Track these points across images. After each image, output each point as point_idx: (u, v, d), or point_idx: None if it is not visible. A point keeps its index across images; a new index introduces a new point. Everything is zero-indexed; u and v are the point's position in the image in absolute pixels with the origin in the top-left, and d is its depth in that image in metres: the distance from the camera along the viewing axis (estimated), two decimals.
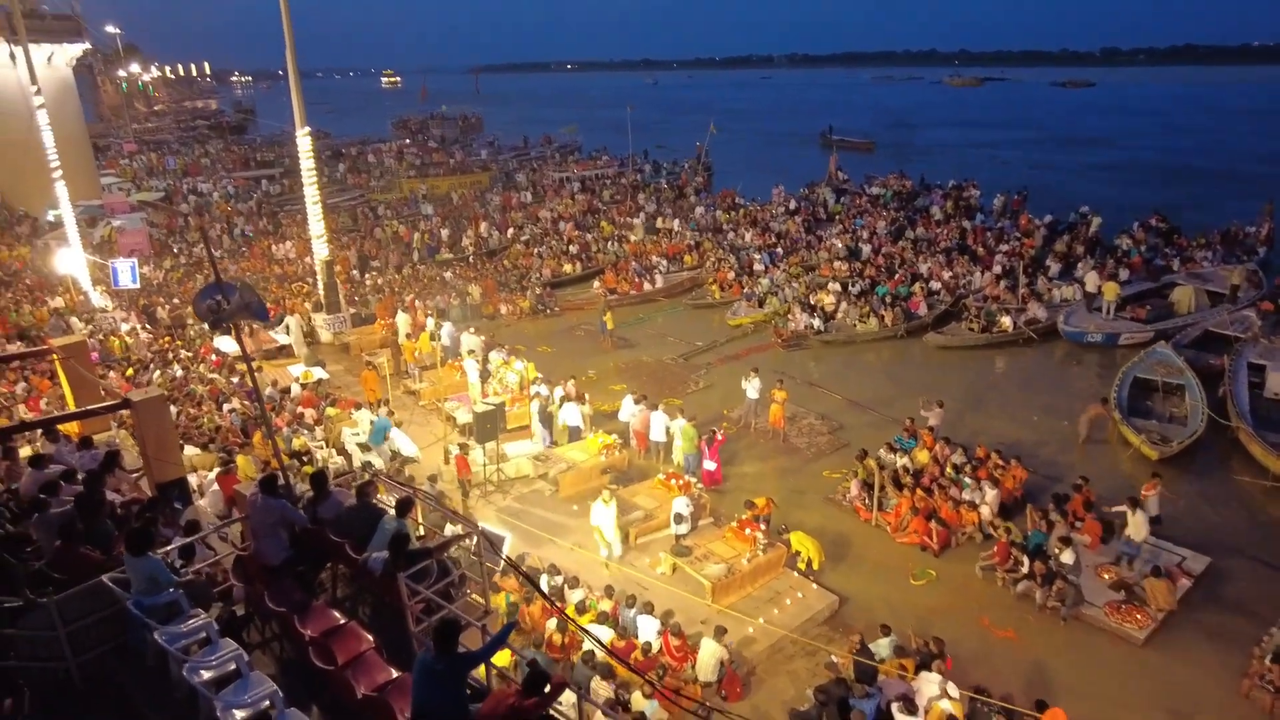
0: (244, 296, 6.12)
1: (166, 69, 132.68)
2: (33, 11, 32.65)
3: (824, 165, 42.27)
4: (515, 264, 28.23)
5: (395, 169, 48.67)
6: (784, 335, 21.18)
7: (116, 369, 16.83)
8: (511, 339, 20.88)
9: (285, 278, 26.10)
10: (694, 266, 27.77)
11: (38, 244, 28.22)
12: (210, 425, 14.35)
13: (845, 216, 32.21)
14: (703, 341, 21.55)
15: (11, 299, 21.71)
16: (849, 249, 27.37)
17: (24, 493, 8.17)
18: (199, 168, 50.65)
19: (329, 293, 21.27)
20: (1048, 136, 72.50)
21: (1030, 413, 16.88)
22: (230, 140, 69.09)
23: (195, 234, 31.15)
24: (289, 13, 19.12)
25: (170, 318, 21.60)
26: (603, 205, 36.60)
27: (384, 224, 34.16)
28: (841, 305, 22.40)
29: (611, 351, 21.09)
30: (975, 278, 24.03)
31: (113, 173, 44.73)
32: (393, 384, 17.47)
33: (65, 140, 25.38)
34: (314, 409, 15.63)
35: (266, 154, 56.30)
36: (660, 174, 45.68)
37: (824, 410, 17.05)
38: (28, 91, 23.22)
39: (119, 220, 29.71)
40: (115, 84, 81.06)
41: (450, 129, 71.12)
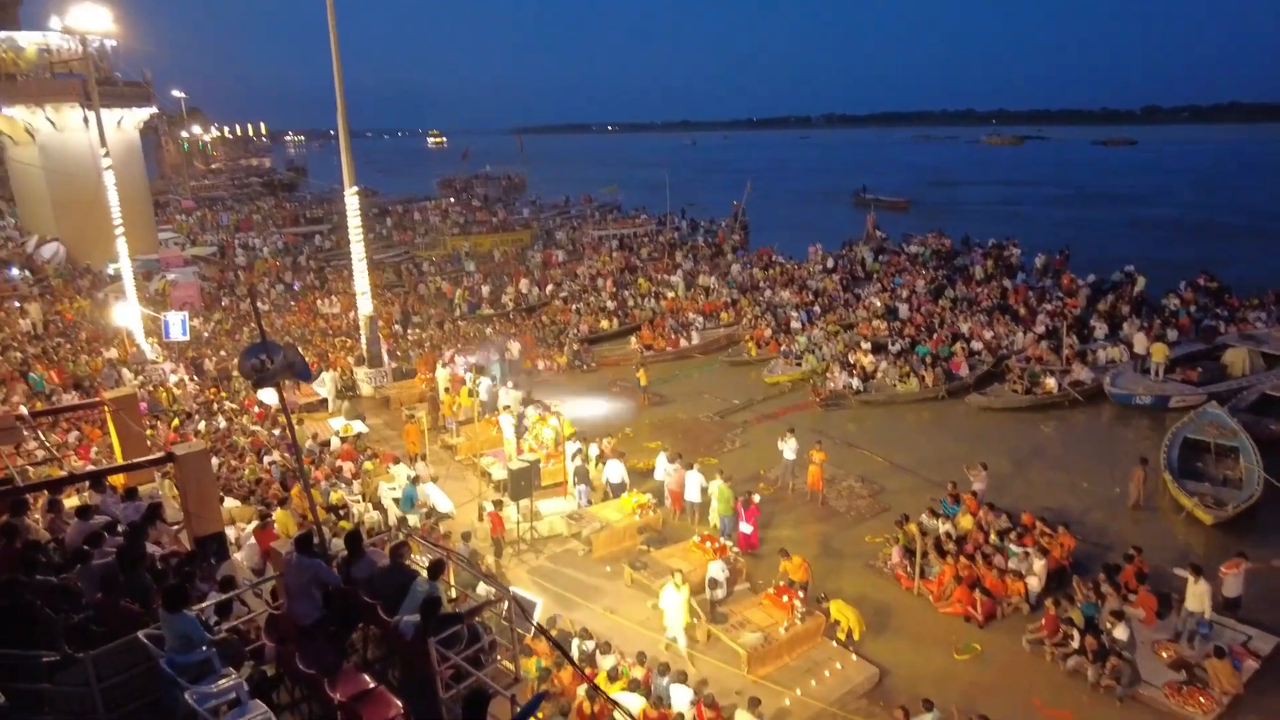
0: (288, 356, 6.25)
1: (225, 129, 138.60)
2: (107, 79, 34.50)
3: (860, 224, 42.39)
4: (553, 320, 28.54)
5: (440, 226, 49.90)
6: (822, 394, 20.97)
7: (163, 419, 17.24)
8: (548, 394, 20.97)
9: (329, 332, 26.65)
10: (731, 323, 27.80)
11: (97, 296, 29.30)
12: (251, 477, 14.55)
13: (884, 275, 32.11)
14: (739, 399, 21.42)
15: (70, 350, 22.47)
16: (888, 308, 27.21)
17: (69, 543, 8.31)
18: (251, 223, 52.43)
19: (371, 347, 21.67)
20: (1087, 194, 72.07)
21: (1077, 477, 16.35)
22: (281, 197, 71.60)
23: (244, 288, 32.10)
24: (341, 77, 19.95)
25: (217, 370, 22.13)
26: (640, 262, 37.02)
27: (428, 280, 34.92)
28: (881, 365, 22.16)
29: (647, 408, 21.05)
30: (1017, 338, 23.65)
31: (170, 228, 46.53)
32: (431, 438, 17.60)
33: (128, 198, 26.55)
34: (353, 462, 15.77)
35: (316, 211, 58.15)
36: (697, 232, 46.17)
37: (864, 472, 16.73)
38: (98, 153, 24.45)
39: (173, 274, 30.84)
40: (177, 144, 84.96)
41: (494, 188, 73.01)
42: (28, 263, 32.01)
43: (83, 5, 23.48)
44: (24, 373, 19.61)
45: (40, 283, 30.01)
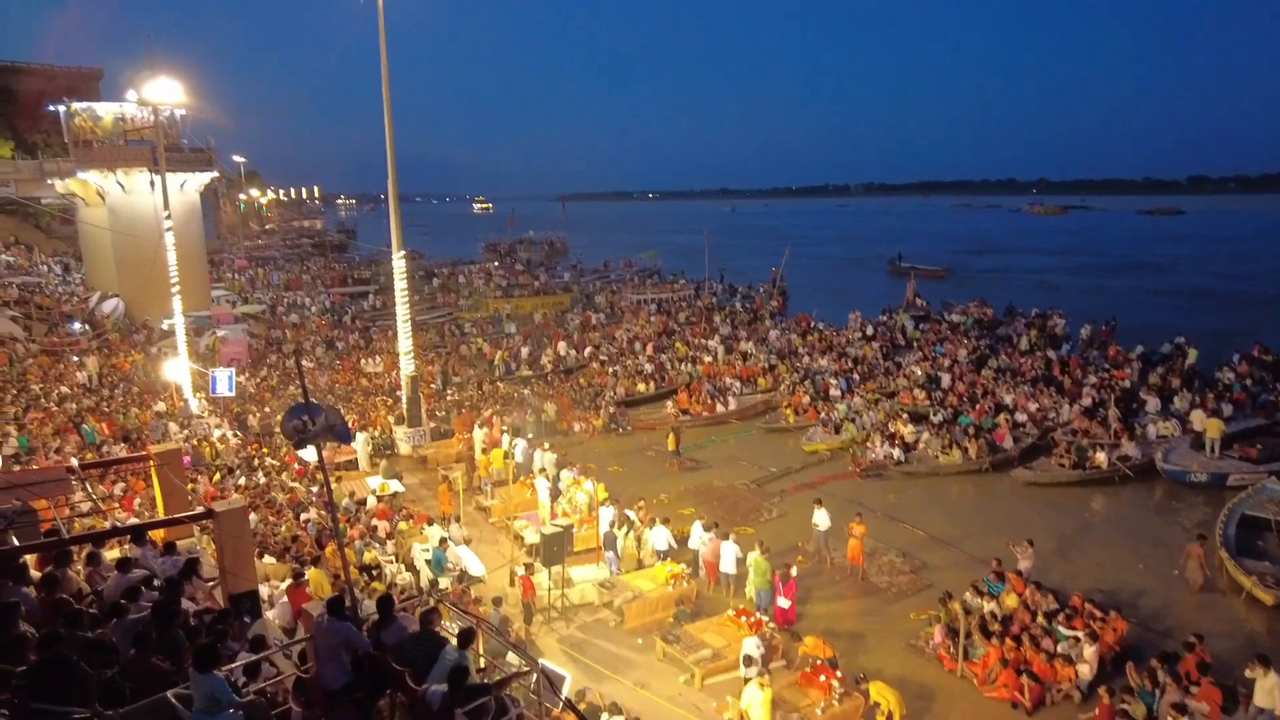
0: (329, 419, 6.34)
1: (281, 192, 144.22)
2: (174, 145, 36.30)
3: (898, 291, 42.25)
4: (590, 382, 28.67)
5: (483, 289, 50.92)
6: (862, 464, 20.59)
7: (205, 473, 17.52)
8: (583, 457, 20.92)
9: (371, 391, 27.06)
10: (768, 389, 27.63)
11: (151, 351, 30.23)
12: (288, 534, 14.63)
13: (925, 343, 31.77)
14: (777, 467, 21.11)
15: (122, 403, 23.10)
16: (929, 377, 26.83)
17: (107, 596, 8.38)
18: (300, 283, 54.02)
19: (411, 406, 21.93)
20: (1133, 264, 71.18)
21: (1129, 558, 15.67)
22: (331, 258, 73.85)
23: (291, 346, 32.89)
24: (393, 146, 20.73)
25: (260, 426, 22.54)
26: (678, 326, 37.20)
27: (469, 341, 35.47)
28: (922, 435, 21.74)
29: (681, 474, 20.85)
30: (1063, 410, 23.07)
31: (223, 286, 48.14)
32: (466, 499, 17.60)
33: (186, 257, 27.62)
34: (388, 522, 15.80)
35: (363, 272, 59.78)
36: (735, 297, 46.40)
37: (905, 546, 16.25)
38: (160, 215, 25.59)
39: (223, 330, 31.76)
40: (235, 205, 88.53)
41: (536, 252, 74.57)
42: (89, 317, 33.23)
43: (157, 80, 24.89)
44: (78, 424, 20.16)
45: (99, 337, 31.09)
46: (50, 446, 17.97)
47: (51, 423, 19.84)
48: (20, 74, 57.26)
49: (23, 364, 24.98)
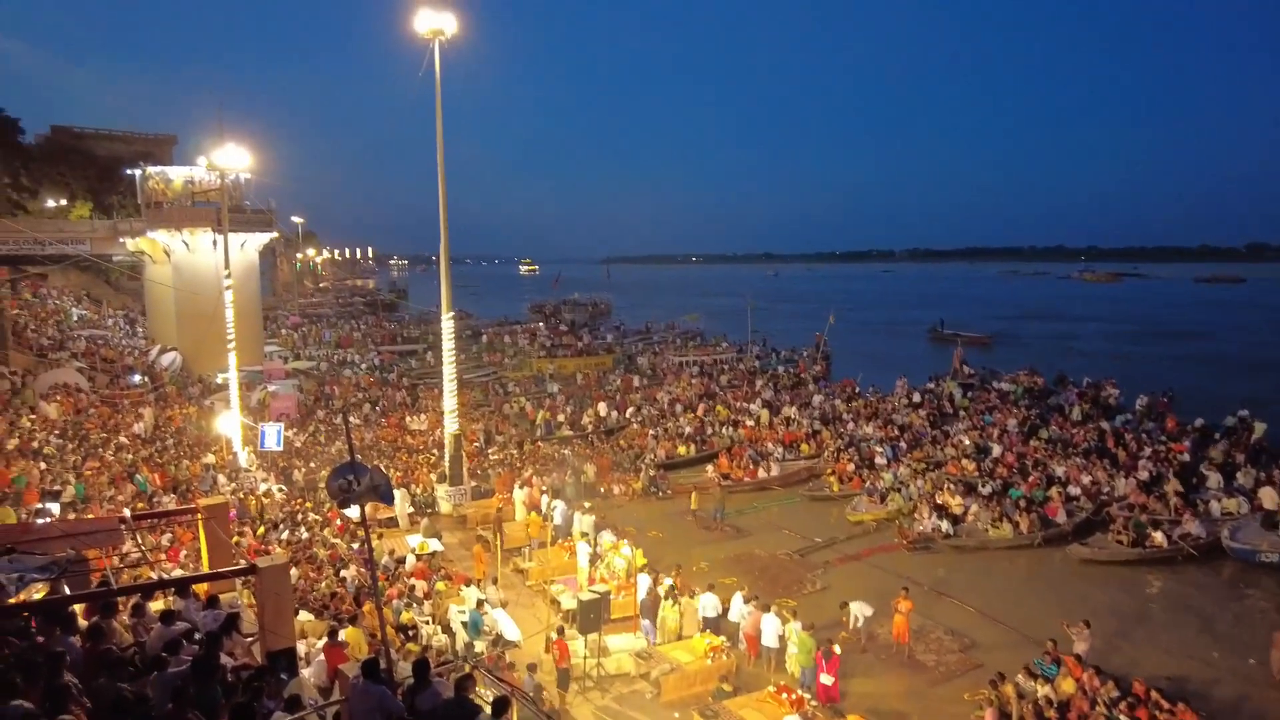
0: (374, 479, 6.40)
1: (336, 252, 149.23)
2: (237, 207, 37.96)
3: (941, 358, 41.66)
4: (631, 444, 28.56)
5: (527, 349, 51.55)
6: (909, 536, 20.01)
7: (250, 526, 17.74)
8: (622, 520, 20.70)
9: (415, 449, 27.32)
10: (812, 456, 27.20)
11: (205, 404, 31.06)
12: (327, 591, 14.65)
13: (973, 412, 31.10)
14: (820, 537, 20.60)
15: (174, 454, 23.67)
16: (978, 446, 26.19)
17: (149, 648, 8.44)
18: (351, 340, 55.30)
19: (454, 464, 22.06)
20: (1191, 333, 69.22)
21: (1198, 643, 14.82)
22: (382, 316, 75.66)
23: (339, 403, 33.51)
24: (446, 213, 21.37)
25: (305, 481, 22.84)
26: (720, 389, 37.04)
27: (512, 400, 35.74)
28: (971, 507, 21.10)
29: (722, 541, 20.50)
30: (1118, 484, 22.24)
31: (276, 342, 49.54)
32: (503, 560, 17.48)
33: (242, 313, 28.60)
34: (426, 582, 15.74)
35: (412, 331, 61.03)
36: (778, 361, 46.20)
37: (954, 624, 15.63)
38: (220, 273, 26.62)
39: (274, 386, 32.53)
40: (291, 264, 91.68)
41: (580, 314, 75.53)
42: (149, 370, 34.38)
43: (226, 146, 26.21)
44: (132, 474, 20.68)
45: (156, 389, 32.09)
46: (105, 495, 18.44)
47: (108, 472, 20.38)
48: (103, 140, 60.95)
49: (85, 414, 25.82)
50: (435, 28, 20.41)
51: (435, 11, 20.33)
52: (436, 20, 20.35)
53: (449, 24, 20.50)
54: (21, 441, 20.09)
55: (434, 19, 20.33)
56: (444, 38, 20.61)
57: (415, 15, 20.35)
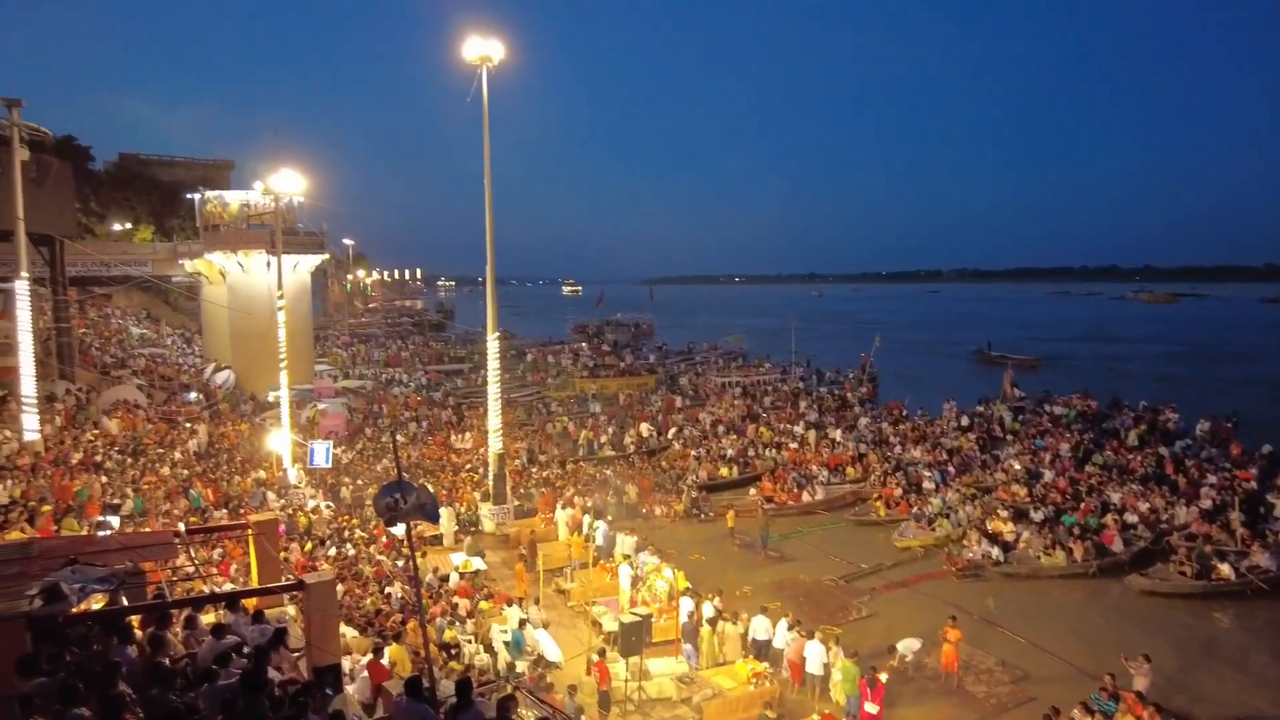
0: (420, 498, 6.49)
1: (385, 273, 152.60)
2: (291, 230, 39.05)
3: (990, 381, 40.77)
4: (672, 465, 28.46)
5: (570, 369, 51.85)
6: (958, 563, 19.53)
7: (298, 542, 18.05)
8: (664, 542, 20.58)
9: (460, 467, 27.59)
10: (857, 480, 26.78)
11: (256, 421, 31.81)
12: (372, 608, 14.82)
13: (1024, 436, 30.34)
14: (866, 563, 20.21)
15: (226, 470, 24.25)
16: (1029, 471, 25.52)
17: (201, 660, 8.61)
18: (399, 360, 56.26)
19: (498, 484, 22.21)
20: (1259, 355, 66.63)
21: (1267, 683, 14.14)
22: (429, 336, 76.91)
23: (387, 421, 34.05)
24: (493, 236, 21.70)
25: (352, 498, 23.19)
26: (763, 410, 36.75)
27: (555, 419, 35.93)
28: (1023, 533, 20.53)
29: (766, 565, 20.25)
30: (1178, 512, 21.43)
31: (326, 361, 50.64)
32: (545, 580, 17.50)
33: (294, 333, 29.35)
34: (469, 600, 15.82)
35: (459, 350, 61.88)
36: (822, 382, 45.70)
37: (1005, 654, 15.16)
38: (274, 293, 27.36)
39: (323, 404, 33.19)
40: (342, 284, 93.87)
41: (623, 334, 75.82)
42: (203, 387, 35.36)
43: (280, 171, 27.03)
44: (186, 489, 21.23)
45: (211, 406, 32.97)
46: (161, 509, 18.94)
47: (164, 486, 20.94)
48: (166, 166, 63.39)
49: (144, 429, 26.63)
50: (483, 54, 20.86)
51: (483, 39, 20.78)
52: (484, 47, 20.79)
53: (496, 51, 20.93)
54: (85, 456, 20.77)
55: (481, 46, 20.79)
56: (491, 64, 21.04)
57: (464, 43, 20.83)
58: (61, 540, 12.38)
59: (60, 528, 15.71)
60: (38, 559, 9.19)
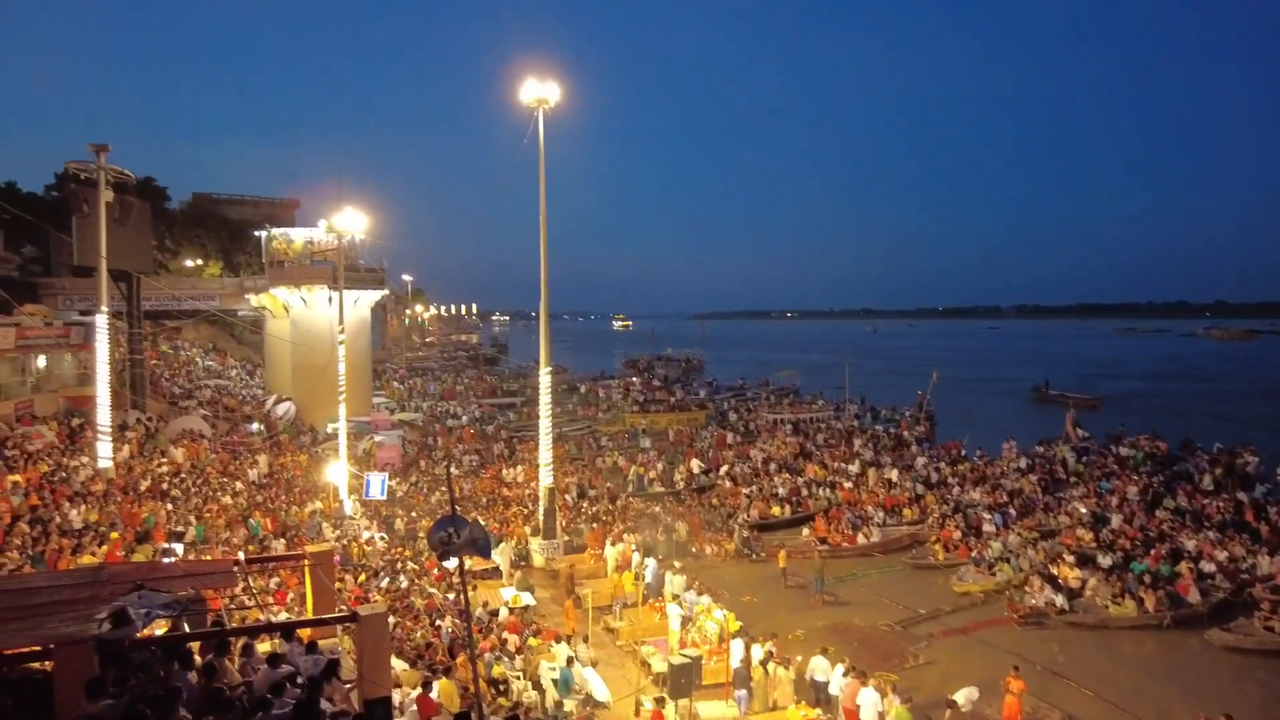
0: (473, 533, 6.54)
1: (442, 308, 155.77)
2: (352, 266, 40.25)
3: (1047, 420, 39.49)
4: (723, 502, 28.15)
5: (621, 403, 51.95)
6: (1020, 610, 18.79)
7: (352, 573, 18.29)
8: (715, 582, 20.28)
9: (511, 501, 27.74)
10: (915, 521, 26.10)
11: (314, 452, 32.53)
12: (422, 641, 14.88)
13: (1089, 478, 29.25)
14: (924, 608, 19.61)
15: (284, 501, 24.81)
16: (1095, 515, 24.55)
17: (256, 689, 8.74)
18: (454, 393, 57.11)
19: (548, 518, 22.25)
20: None
21: None
22: (483, 370, 78.03)
23: (441, 453, 34.51)
24: (547, 271, 22.02)
25: (405, 529, 23.46)
26: (816, 448, 36.20)
27: (605, 454, 35.95)
28: (1089, 580, 19.68)
29: (820, 608, 19.79)
30: (1261, 561, 20.30)
31: (384, 394, 51.67)
32: (594, 618, 17.37)
33: (353, 366, 30.08)
34: (518, 636, 15.79)
35: (511, 384, 62.60)
36: (878, 420, 44.88)
37: (1071, 708, 14.47)
38: (335, 328, 28.14)
39: (380, 436, 33.79)
40: (400, 319, 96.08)
41: (673, 369, 75.87)
42: (265, 418, 36.38)
43: (344, 210, 27.96)
44: (245, 518, 21.76)
45: (271, 437, 33.87)
46: (221, 538, 19.43)
47: (225, 515, 21.51)
48: (236, 205, 66.16)
49: (207, 459, 27.48)
50: (540, 97, 21.38)
51: (540, 82, 21.33)
52: (541, 90, 21.32)
53: (552, 93, 21.44)
54: (152, 483, 21.49)
55: (538, 89, 21.32)
56: (548, 106, 21.55)
57: (521, 86, 21.41)
58: (129, 566, 12.76)
59: (131, 553, 16.21)
60: (107, 583, 9.47)
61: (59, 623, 7.48)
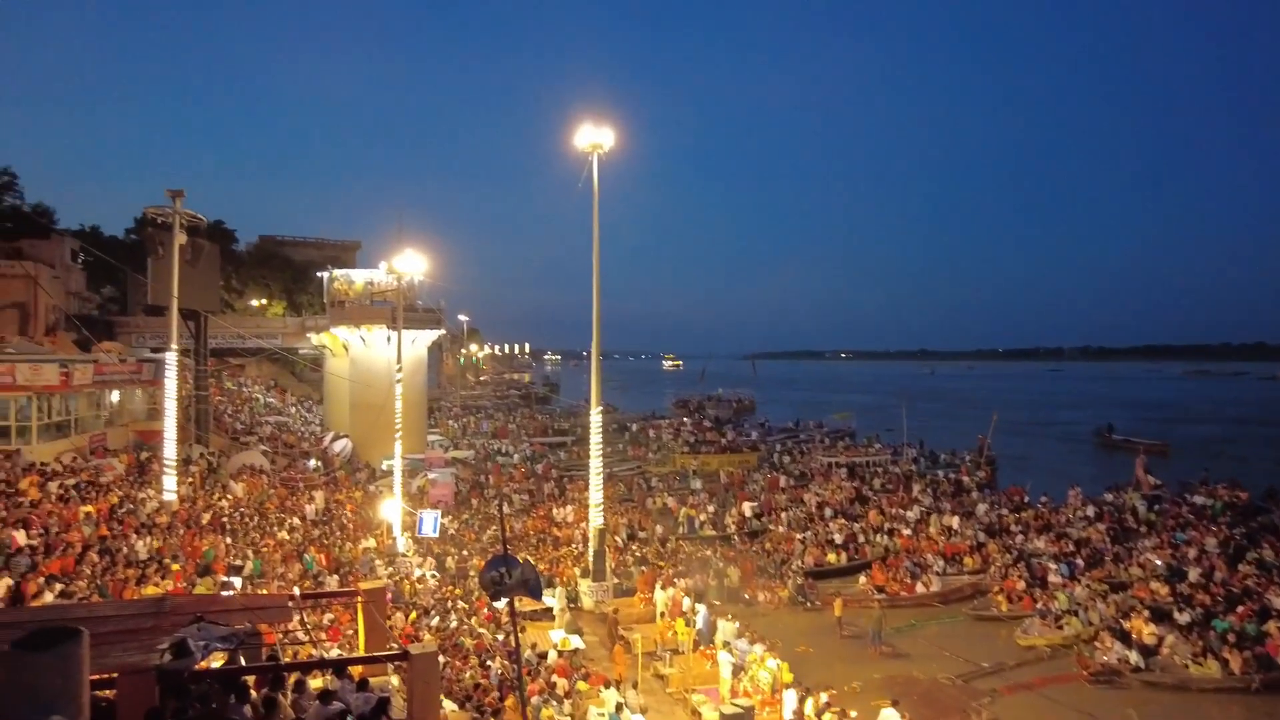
0: (525, 573, 6.49)
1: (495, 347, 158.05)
2: (410, 306, 41.22)
3: (1113, 465, 37.90)
4: (776, 548, 27.58)
5: (671, 444, 51.66)
6: (1091, 667, 17.86)
7: (403, 611, 18.33)
8: (767, 630, 19.76)
9: (562, 541, 27.63)
10: (976, 571, 25.17)
11: (370, 489, 33.00)
12: (470, 682, 14.78)
13: (1162, 529, 27.89)
14: (987, 662, 18.77)
15: (339, 537, 25.13)
16: (1170, 568, 23.33)
17: None
18: (506, 431, 57.57)
19: (598, 560, 22.07)
20: None
21: None
22: (535, 409, 78.61)
23: (493, 491, 34.68)
24: (599, 312, 22.20)
25: (456, 568, 23.51)
26: (872, 493, 35.34)
27: (655, 495, 35.67)
28: (1167, 637, 18.62)
29: (878, 660, 19.11)
30: None
31: (438, 431, 52.36)
32: (644, 664, 17.06)
33: (409, 404, 30.60)
34: (567, 679, 15.57)
35: (562, 423, 62.87)
36: (937, 465, 43.71)
37: None
38: (392, 367, 28.73)
39: (434, 474, 34.15)
40: (455, 358, 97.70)
41: (724, 409, 75.27)
42: (322, 455, 37.12)
43: (404, 252, 28.72)
44: (301, 553, 22.08)
45: (328, 473, 34.52)
46: (277, 572, 19.73)
47: (281, 550, 21.87)
48: (300, 246, 68.58)
49: (266, 494, 28.09)
50: (594, 142, 21.79)
51: (594, 127, 21.75)
52: (595, 135, 21.73)
53: (606, 139, 21.82)
54: (213, 517, 22.00)
55: (593, 134, 21.73)
56: (601, 151, 21.93)
57: (577, 131, 21.85)
58: (190, 598, 13.01)
59: (191, 585, 16.54)
60: (169, 614, 9.64)
61: (123, 652, 7.61)
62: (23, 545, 15.34)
